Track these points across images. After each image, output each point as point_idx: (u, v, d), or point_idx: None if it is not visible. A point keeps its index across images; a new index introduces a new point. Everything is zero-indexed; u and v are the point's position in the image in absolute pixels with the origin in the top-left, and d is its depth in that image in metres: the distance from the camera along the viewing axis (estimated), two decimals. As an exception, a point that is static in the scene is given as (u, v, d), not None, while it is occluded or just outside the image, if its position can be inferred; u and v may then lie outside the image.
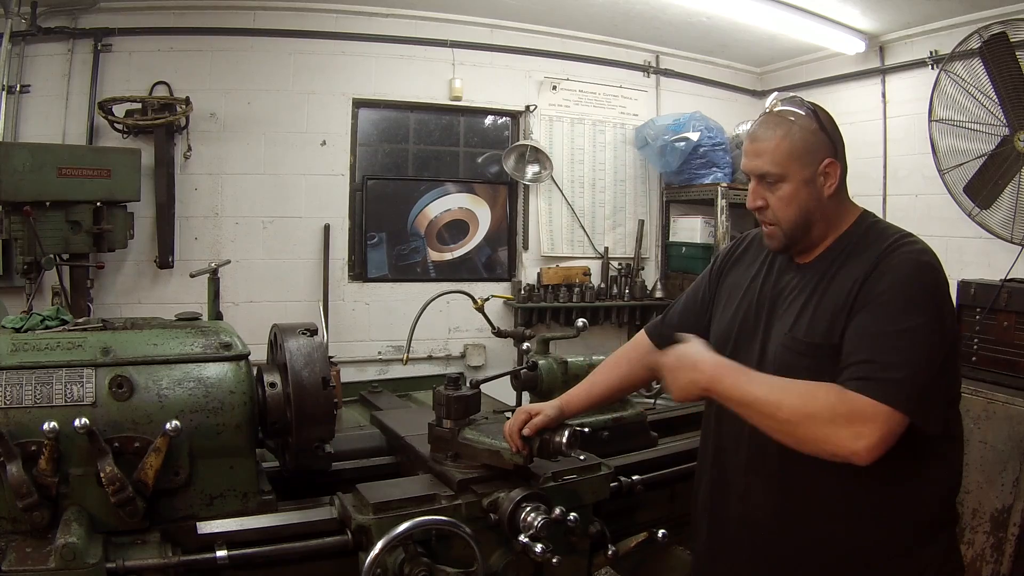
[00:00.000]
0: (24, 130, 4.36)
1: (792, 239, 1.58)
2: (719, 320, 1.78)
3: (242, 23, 4.71)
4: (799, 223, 1.55)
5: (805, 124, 1.53)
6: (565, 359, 2.37)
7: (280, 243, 4.89)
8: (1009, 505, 2.98)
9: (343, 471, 2.00)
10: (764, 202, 1.57)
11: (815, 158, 1.52)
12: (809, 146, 1.52)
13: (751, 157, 1.57)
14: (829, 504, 1.49)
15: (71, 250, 3.93)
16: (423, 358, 5.18)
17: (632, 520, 2.18)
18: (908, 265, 1.43)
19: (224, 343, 1.71)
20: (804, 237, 1.57)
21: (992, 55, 3.72)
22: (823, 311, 1.50)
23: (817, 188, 1.53)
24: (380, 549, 1.45)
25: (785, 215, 1.55)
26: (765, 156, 1.53)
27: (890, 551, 1.48)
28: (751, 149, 1.57)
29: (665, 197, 5.90)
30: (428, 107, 5.30)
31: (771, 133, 1.54)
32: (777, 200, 1.55)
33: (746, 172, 1.60)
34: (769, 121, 1.56)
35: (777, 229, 1.58)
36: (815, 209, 1.55)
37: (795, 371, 1.48)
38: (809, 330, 1.50)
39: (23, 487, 1.41)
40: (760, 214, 1.60)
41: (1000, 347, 3.24)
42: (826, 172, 1.53)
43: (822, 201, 1.55)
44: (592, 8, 4.98)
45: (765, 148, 1.53)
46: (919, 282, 1.42)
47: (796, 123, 1.53)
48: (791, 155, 1.51)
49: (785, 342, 1.54)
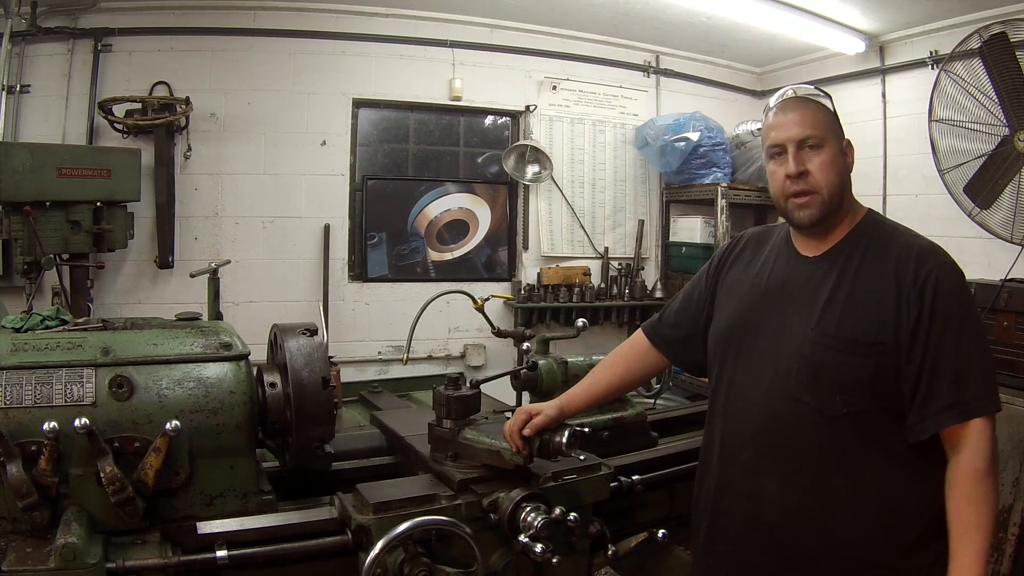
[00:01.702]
0: (24, 130, 4.36)
1: (830, 208, 1.58)
2: (719, 318, 1.77)
3: (242, 23, 4.71)
4: (838, 189, 1.58)
5: (828, 105, 1.62)
6: (565, 359, 2.37)
7: (280, 243, 4.88)
8: (1009, 505, 2.98)
9: (343, 471, 2.00)
10: (806, 168, 1.57)
11: (841, 134, 1.61)
12: (836, 123, 1.61)
13: (789, 127, 1.58)
14: (842, 505, 1.49)
15: (71, 250, 3.92)
16: (423, 358, 5.17)
17: (632, 520, 2.18)
18: (953, 275, 1.50)
19: (224, 343, 1.71)
20: (838, 210, 1.59)
21: (992, 55, 3.72)
22: (858, 306, 1.51)
23: (845, 162, 1.60)
24: (380, 549, 1.44)
25: (827, 179, 1.56)
26: (806, 123, 1.57)
27: (900, 551, 1.48)
28: (787, 121, 1.59)
29: (665, 197, 5.90)
30: (428, 107, 5.30)
31: (804, 106, 1.60)
32: (820, 164, 1.56)
33: (782, 143, 1.59)
34: (796, 101, 1.62)
35: (817, 196, 1.57)
36: (847, 182, 1.60)
37: (829, 368, 1.49)
38: (842, 325, 1.50)
39: (23, 487, 1.41)
40: (798, 183, 1.58)
41: (1000, 347, 3.24)
42: (847, 151, 1.61)
43: (848, 175, 1.60)
44: (592, 8, 4.98)
45: (804, 118, 1.58)
46: (965, 290, 1.52)
47: (822, 104, 1.61)
48: (827, 125, 1.59)
49: (815, 338, 1.52)
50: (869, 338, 1.47)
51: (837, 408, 1.49)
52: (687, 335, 1.87)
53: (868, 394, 1.48)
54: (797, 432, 1.53)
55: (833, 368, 1.48)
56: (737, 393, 1.67)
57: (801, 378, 1.52)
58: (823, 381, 1.50)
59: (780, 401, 1.55)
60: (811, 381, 1.51)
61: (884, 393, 1.47)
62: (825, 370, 1.49)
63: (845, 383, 1.48)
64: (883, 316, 1.47)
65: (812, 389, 1.51)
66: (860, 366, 1.47)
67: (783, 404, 1.55)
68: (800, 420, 1.53)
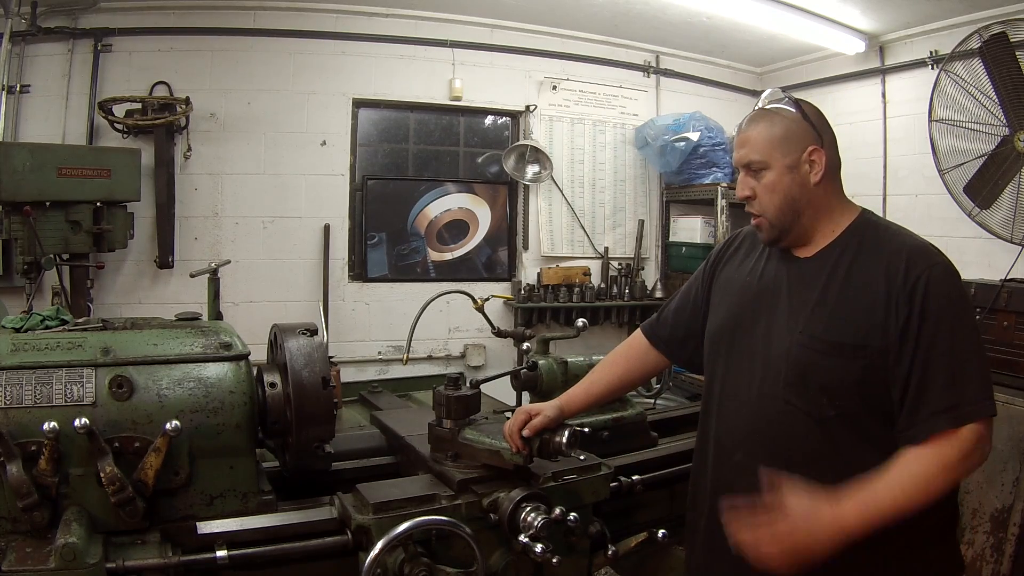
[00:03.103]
0: (24, 130, 4.36)
1: (780, 229, 1.59)
2: (713, 317, 1.77)
3: (242, 23, 4.71)
4: (784, 211, 1.57)
5: (787, 114, 1.58)
6: (565, 359, 2.37)
7: (280, 243, 4.88)
8: (1009, 505, 2.98)
9: (343, 471, 2.00)
10: (752, 192, 1.60)
11: (798, 145, 1.56)
12: (791, 134, 1.56)
13: (737, 149, 1.63)
14: None
15: (71, 250, 3.92)
16: (423, 358, 5.17)
17: (632, 520, 2.18)
18: (944, 275, 1.46)
19: (224, 343, 1.71)
20: (794, 226, 1.58)
21: (992, 55, 3.72)
22: (845, 309, 1.49)
23: (802, 175, 1.56)
24: (380, 549, 1.44)
25: (770, 202, 1.57)
26: (749, 145, 1.59)
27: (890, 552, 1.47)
28: (738, 142, 1.64)
29: (665, 197, 5.90)
30: (428, 107, 5.30)
31: (755, 125, 1.60)
32: (762, 188, 1.58)
33: (735, 166, 1.66)
34: (755, 116, 1.62)
35: (764, 219, 1.60)
36: (800, 196, 1.56)
37: (815, 370, 1.48)
38: (829, 328, 1.49)
39: (23, 487, 1.41)
40: (749, 205, 1.63)
41: (1000, 347, 3.24)
42: (811, 160, 1.56)
43: (807, 188, 1.57)
44: (592, 8, 4.98)
45: (749, 138, 1.59)
46: (958, 290, 1.48)
47: (779, 114, 1.58)
48: (772, 143, 1.56)
49: (802, 341, 1.51)
50: (856, 341, 1.45)
51: (825, 411, 1.48)
52: (685, 334, 1.87)
53: (856, 397, 1.46)
54: (787, 434, 1.52)
55: (819, 371, 1.47)
56: (729, 393, 1.66)
57: (789, 380, 1.52)
58: (809, 383, 1.49)
59: (770, 402, 1.55)
60: (798, 383, 1.50)
61: (873, 396, 1.46)
62: (811, 373, 1.48)
63: (831, 386, 1.47)
64: (872, 319, 1.45)
65: (800, 391, 1.50)
66: (847, 369, 1.45)
67: (773, 406, 1.54)
68: (790, 422, 1.52)
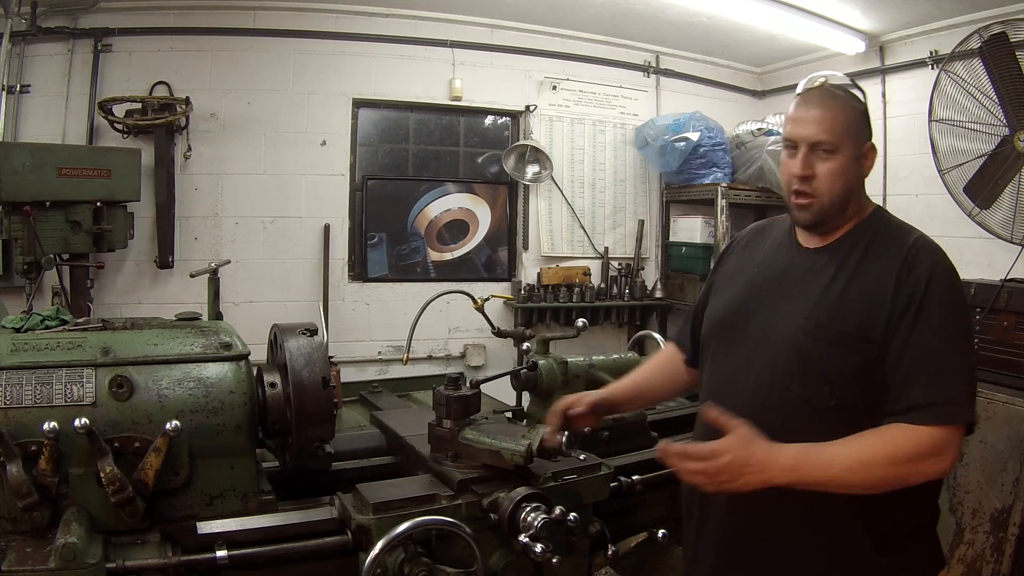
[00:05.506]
0: (24, 130, 4.36)
1: (828, 214, 1.56)
2: (714, 303, 1.77)
3: (242, 23, 4.71)
4: (841, 198, 1.54)
5: (857, 104, 1.55)
6: (565, 359, 2.37)
7: (280, 243, 4.89)
8: (1009, 505, 2.98)
9: (343, 471, 1.99)
10: (812, 172, 1.54)
11: (862, 137, 1.55)
12: (859, 125, 1.54)
13: (805, 124, 1.53)
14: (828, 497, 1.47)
15: (71, 250, 3.93)
16: (423, 358, 5.18)
17: (632, 520, 2.18)
18: (946, 275, 1.46)
19: (224, 343, 1.71)
20: (838, 215, 1.56)
21: (992, 55, 3.72)
22: (852, 300, 1.49)
23: (860, 168, 1.55)
24: (380, 549, 1.44)
25: (831, 188, 1.53)
26: (823, 124, 1.51)
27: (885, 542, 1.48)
28: (805, 117, 1.54)
29: (665, 197, 5.90)
30: (428, 107, 5.30)
31: (829, 103, 1.53)
32: (827, 171, 1.52)
33: (795, 140, 1.55)
34: (823, 93, 1.56)
35: (817, 202, 1.54)
36: (855, 188, 1.56)
37: (817, 358, 1.47)
38: (835, 317, 1.48)
39: (23, 487, 1.40)
40: (801, 183, 1.56)
41: (1000, 347, 3.24)
42: (867, 154, 1.55)
43: (860, 182, 1.56)
44: (592, 8, 4.98)
45: (822, 117, 1.52)
46: (958, 292, 1.47)
47: (849, 100, 1.54)
48: (848, 128, 1.52)
49: (805, 327, 1.51)
50: (859, 332, 1.45)
51: (825, 400, 1.47)
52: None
53: (855, 388, 1.46)
54: (786, 422, 1.51)
55: (821, 359, 1.47)
56: (728, 379, 1.66)
57: (791, 368, 1.51)
58: (811, 372, 1.49)
59: (770, 390, 1.54)
60: (800, 371, 1.50)
61: (872, 389, 1.45)
62: (814, 361, 1.48)
63: (832, 375, 1.47)
64: (876, 312, 1.45)
65: (801, 379, 1.50)
66: (848, 360, 1.45)
67: (773, 393, 1.53)
68: (789, 410, 1.51)
